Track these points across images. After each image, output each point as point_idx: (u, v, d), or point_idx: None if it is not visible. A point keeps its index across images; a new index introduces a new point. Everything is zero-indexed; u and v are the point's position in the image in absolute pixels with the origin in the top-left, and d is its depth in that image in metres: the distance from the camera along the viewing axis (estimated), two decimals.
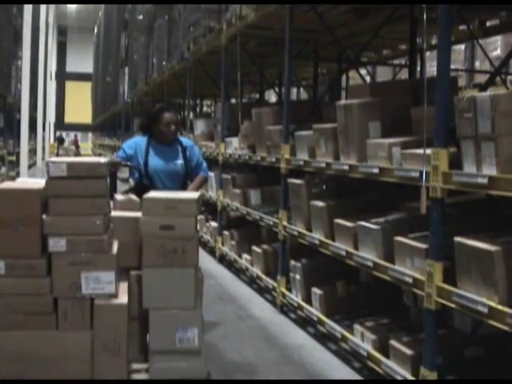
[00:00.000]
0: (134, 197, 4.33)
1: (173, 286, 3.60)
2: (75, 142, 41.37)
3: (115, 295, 3.53)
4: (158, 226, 3.59)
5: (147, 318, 3.62)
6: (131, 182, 5.70)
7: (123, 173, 6.10)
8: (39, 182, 3.70)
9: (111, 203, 3.97)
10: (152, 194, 3.92)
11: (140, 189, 4.73)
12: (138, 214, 3.73)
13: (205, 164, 5.36)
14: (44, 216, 3.51)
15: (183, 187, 5.12)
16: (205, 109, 18.37)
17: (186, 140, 5.42)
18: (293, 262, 6.02)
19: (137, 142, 5.16)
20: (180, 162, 5.12)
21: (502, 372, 4.09)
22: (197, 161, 5.24)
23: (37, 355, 3.44)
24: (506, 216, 4.10)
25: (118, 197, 4.37)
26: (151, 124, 5.12)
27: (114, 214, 3.89)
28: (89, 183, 3.54)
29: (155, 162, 5.06)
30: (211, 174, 8.46)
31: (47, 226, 3.50)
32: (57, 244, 3.48)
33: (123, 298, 3.56)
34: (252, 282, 7.47)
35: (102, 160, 3.66)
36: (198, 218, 4.08)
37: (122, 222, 3.85)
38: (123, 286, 3.66)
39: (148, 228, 3.62)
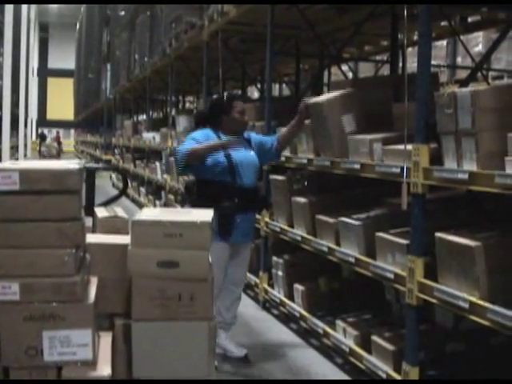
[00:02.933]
0: (121, 212, 3.27)
1: (176, 348, 2.65)
2: (57, 139, 41.12)
3: (93, 362, 2.53)
4: (154, 263, 2.64)
5: None
6: (185, 180, 4.77)
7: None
8: None
9: (89, 222, 2.95)
10: (145, 212, 2.92)
11: (213, 189, 4.34)
12: (127, 239, 2.76)
13: None
14: None
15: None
16: (187, 105, 18.33)
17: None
18: (275, 259, 6.01)
19: (206, 134, 4.58)
20: (253, 152, 4.66)
21: (483, 367, 4.11)
22: (261, 139, 4.81)
23: None
24: (487, 211, 4.11)
25: (100, 212, 3.25)
26: (221, 113, 4.63)
27: (92, 239, 2.88)
28: (53, 201, 2.52)
29: (236, 153, 4.49)
30: None
31: None
32: (6, 290, 2.48)
33: (104, 368, 2.53)
34: None
35: (72, 165, 2.60)
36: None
37: (103, 252, 2.84)
38: (105, 342, 2.68)
39: (140, 265, 2.65)
